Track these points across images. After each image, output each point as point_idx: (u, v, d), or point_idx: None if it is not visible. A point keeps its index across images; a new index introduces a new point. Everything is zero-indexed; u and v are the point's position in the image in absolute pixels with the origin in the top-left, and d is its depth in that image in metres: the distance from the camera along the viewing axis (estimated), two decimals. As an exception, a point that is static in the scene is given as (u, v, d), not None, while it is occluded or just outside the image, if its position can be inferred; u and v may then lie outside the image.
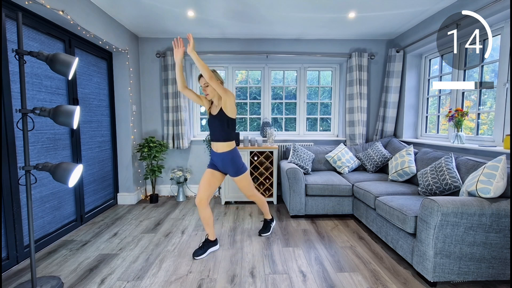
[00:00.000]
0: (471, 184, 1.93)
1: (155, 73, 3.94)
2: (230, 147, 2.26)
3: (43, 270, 2.06)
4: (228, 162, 2.27)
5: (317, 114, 4.25)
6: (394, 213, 2.16)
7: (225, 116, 2.20)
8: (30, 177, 1.71)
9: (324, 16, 3.14)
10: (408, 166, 2.87)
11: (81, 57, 2.95)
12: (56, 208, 2.57)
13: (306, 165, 3.39)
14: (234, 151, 2.28)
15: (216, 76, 2.20)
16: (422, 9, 2.95)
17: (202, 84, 2.19)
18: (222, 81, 2.26)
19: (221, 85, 2.15)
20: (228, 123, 2.22)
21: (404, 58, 3.63)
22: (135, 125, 3.74)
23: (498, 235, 1.77)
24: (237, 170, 2.29)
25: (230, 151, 2.26)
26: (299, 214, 3.08)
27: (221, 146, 2.25)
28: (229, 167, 2.29)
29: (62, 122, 1.76)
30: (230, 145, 2.26)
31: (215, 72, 2.23)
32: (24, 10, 2.17)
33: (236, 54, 3.87)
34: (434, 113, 3.44)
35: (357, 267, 2.09)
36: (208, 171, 2.33)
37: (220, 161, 2.29)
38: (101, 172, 3.32)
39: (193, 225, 2.94)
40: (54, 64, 1.74)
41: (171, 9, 2.98)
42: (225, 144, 2.24)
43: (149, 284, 1.88)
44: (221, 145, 2.25)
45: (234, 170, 2.29)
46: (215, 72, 2.21)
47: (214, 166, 2.34)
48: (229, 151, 2.25)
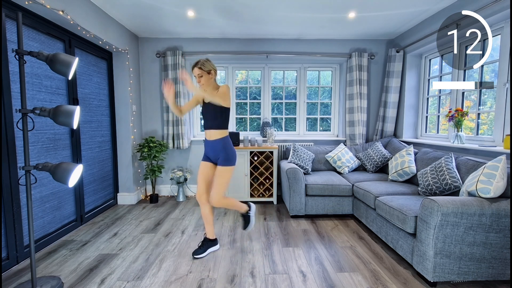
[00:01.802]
0: (471, 184, 1.93)
1: (155, 73, 3.94)
2: (222, 134, 2.23)
3: (43, 270, 2.06)
4: (220, 149, 2.22)
5: (317, 114, 4.25)
6: (394, 213, 2.16)
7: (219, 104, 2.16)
8: (30, 177, 1.71)
9: (324, 16, 3.14)
10: (408, 166, 2.87)
11: (81, 57, 2.95)
12: (56, 208, 2.57)
13: (306, 165, 3.39)
14: (226, 139, 2.25)
15: (209, 66, 2.17)
16: (422, 9, 2.95)
17: (195, 74, 2.17)
18: (215, 69, 2.23)
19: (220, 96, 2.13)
20: (221, 111, 2.19)
21: (404, 58, 3.63)
22: (135, 125, 3.74)
23: (498, 235, 1.77)
24: (226, 159, 2.21)
25: (222, 138, 2.23)
26: (299, 214, 3.08)
27: (213, 134, 2.22)
28: (220, 154, 2.22)
29: (62, 122, 1.76)
30: (222, 133, 2.24)
31: (208, 61, 2.19)
32: (24, 10, 2.17)
33: (236, 54, 3.87)
34: (434, 113, 3.44)
35: (357, 267, 2.09)
36: (202, 164, 2.31)
37: (212, 149, 2.25)
38: (101, 172, 3.32)
39: (193, 225, 2.94)
40: (54, 64, 1.74)
41: (171, 9, 2.98)
42: (217, 132, 2.22)
43: (149, 284, 1.88)
44: (214, 132, 2.22)
45: (224, 157, 2.21)
46: (207, 61, 2.18)
47: (207, 158, 2.32)
48: (221, 138, 2.23)
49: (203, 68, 2.13)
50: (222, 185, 2.21)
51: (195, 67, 2.15)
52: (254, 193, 3.68)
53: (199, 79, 2.17)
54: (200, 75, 2.16)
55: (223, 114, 2.21)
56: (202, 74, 2.15)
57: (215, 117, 2.20)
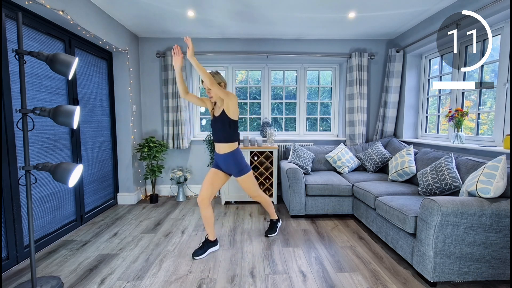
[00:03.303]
0: (471, 184, 1.93)
1: (155, 73, 3.94)
2: (232, 148, 2.27)
3: (43, 270, 2.06)
4: (231, 162, 2.28)
5: (317, 114, 4.24)
6: (394, 213, 2.16)
7: (227, 118, 2.20)
8: (30, 177, 1.71)
9: (324, 16, 3.14)
10: (408, 166, 2.87)
11: (81, 57, 2.95)
12: (56, 208, 2.57)
13: (306, 165, 3.39)
14: (237, 151, 2.29)
15: (219, 78, 2.21)
16: (422, 9, 2.95)
17: (205, 87, 2.18)
18: (225, 82, 2.27)
19: (222, 89, 2.15)
20: (230, 124, 2.22)
21: (404, 58, 3.63)
22: (135, 125, 3.74)
23: (498, 235, 1.77)
24: (240, 170, 2.29)
25: (232, 152, 2.27)
26: (299, 214, 3.08)
27: (223, 147, 2.27)
28: (232, 167, 2.30)
29: (62, 122, 1.76)
30: (232, 146, 2.27)
31: (218, 74, 2.23)
32: (24, 10, 2.17)
33: (236, 54, 3.87)
34: (434, 113, 3.44)
35: (357, 267, 2.09)
36: (212, 171, 2.35)
37: (223, 162, 2.30)
38: (101, 172, 3.32)
39: (193, 225, 2.94)
40: (54, 64, 1.74)
41: (171, 9, 2.98)
42: (226, 145, 2.25)
43: (149, 284, 1.88)
44: (223, 146, 2.26)
45: (237, 170, 2.29)
46: (217, 74, 2.21)
47: (217, 166, 2.37)
48: (231, 151, 2.26)
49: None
50: (250, 187, 2.40)
51: None
52: (254, 193, 3.68)
53: (209, 91, 2.20)
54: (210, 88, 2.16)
55: (231, 126, 2.23)
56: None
57: (223, 129, 2.22)
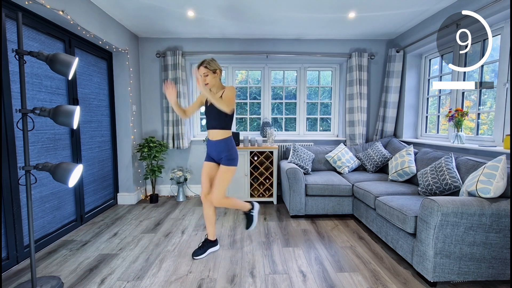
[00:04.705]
0: (471, 184, 1.93)
1: (155, 73, 3.94)
2: (225, 135, 2.25)
3: (43, 270, 2.06)
4: (223, 149, 2.23)
5: (317, 114, 4.24)
6: (394, 213, 2.16)
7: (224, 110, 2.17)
8: (30, 177, 1.71)
9: (324, 16, 3.14)
10: (408, 166, 2.87)
11: (81, 57, 2.95)
12: (56, 208, 2.57)
13: (306, 165, 3.39)
14: (229, 139, 2.27)
15: (215, 65, 2.20)
16: (422, 9, 2.95)
17: (201, 73, 2.18)
18: (221, 69, 2.25)
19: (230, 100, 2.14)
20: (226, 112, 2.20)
21: (404, 58, 3.63)
22: (135, 125, 3.74)
23: (498, 235, 1.77)
24: (229, 159, 2.23)
25: (225, 139, 2.24)
26: (299, 214, 3.08)
27: (216, 134, 2.24)
28: (223, 153, 2.23)
29: (62, 122, 1.76)
30: (226, 133, 2.25)
31: (213, 60, 2.21)
32: (24, 10, 2.17)
33: (236, 54, 3.87)
34: (434, 113, 3.44)
35: (357, 267, 2.09)
36: (205, 165, 2.33)
37: (215, 149, 2.26)
38: (101, 172, 3.32)
39: (193, 225, 2.94)
40: (54, 64, 1.74)
41: (171, 9, 2.98)
42: (220, 132, 2.23)
43: (149, 284, 1.88)
44: (217, 132, 2.24)
45: (228, 156, 2.22)
46: (213, 61, 2.20)
47: (210, 158, 2.33)
48: (224, 138, 2.24)
49: (208, 67, 2.16)
50: (223, 184, 2.23)
51: (201, 65, 2.17)
52: (254, 193, 3.68)
53: (205, 78, 2.19)
54: (206, 74, 2.18)
55: (227, 115, 2.21)
56: (207, 73, 2.17)
57: (219, 117, 2.21)
